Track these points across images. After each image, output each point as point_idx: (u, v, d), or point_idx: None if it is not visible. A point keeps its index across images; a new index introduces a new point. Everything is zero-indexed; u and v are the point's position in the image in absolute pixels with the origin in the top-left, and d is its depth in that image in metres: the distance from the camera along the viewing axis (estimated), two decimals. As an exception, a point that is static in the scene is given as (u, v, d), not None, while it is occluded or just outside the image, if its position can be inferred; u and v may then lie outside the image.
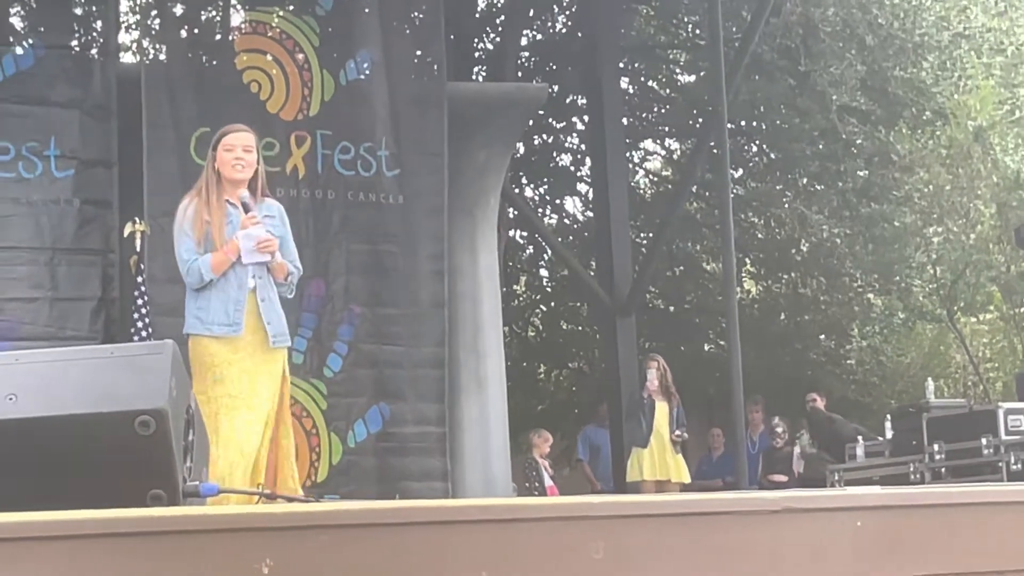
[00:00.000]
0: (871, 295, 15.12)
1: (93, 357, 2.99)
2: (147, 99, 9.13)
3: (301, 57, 9.65)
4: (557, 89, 14.81)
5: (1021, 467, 7.83)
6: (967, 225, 12.23)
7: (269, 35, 9.69)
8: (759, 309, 16.35)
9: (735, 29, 12.80)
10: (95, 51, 9.73)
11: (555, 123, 16.15)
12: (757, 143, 15.71)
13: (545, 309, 17.98)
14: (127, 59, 11.26)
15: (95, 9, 9.98)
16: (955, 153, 11.98)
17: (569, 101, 15.67)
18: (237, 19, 10.71)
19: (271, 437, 5.26)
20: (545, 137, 16.37)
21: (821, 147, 13.84)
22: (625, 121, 14.05)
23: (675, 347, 14.86)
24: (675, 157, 17.24)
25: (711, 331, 16.19)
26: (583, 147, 15.95)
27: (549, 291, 17.74)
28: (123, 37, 11.95)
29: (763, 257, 16.19)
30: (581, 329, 17.41)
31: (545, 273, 17.70)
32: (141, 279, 8.44)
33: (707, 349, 16.27)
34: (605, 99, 12.22)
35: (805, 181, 14.79)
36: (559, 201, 16.86)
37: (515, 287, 17.06)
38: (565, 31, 15.46)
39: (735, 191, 14.18)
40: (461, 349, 10.05)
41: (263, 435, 5.19)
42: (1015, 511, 2.73)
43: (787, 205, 14.78)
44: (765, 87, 13.50)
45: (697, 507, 2.55)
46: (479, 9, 14.66)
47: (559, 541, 2.36)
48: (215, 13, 10.90)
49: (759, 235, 16.05)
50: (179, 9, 10.28)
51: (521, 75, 14.18)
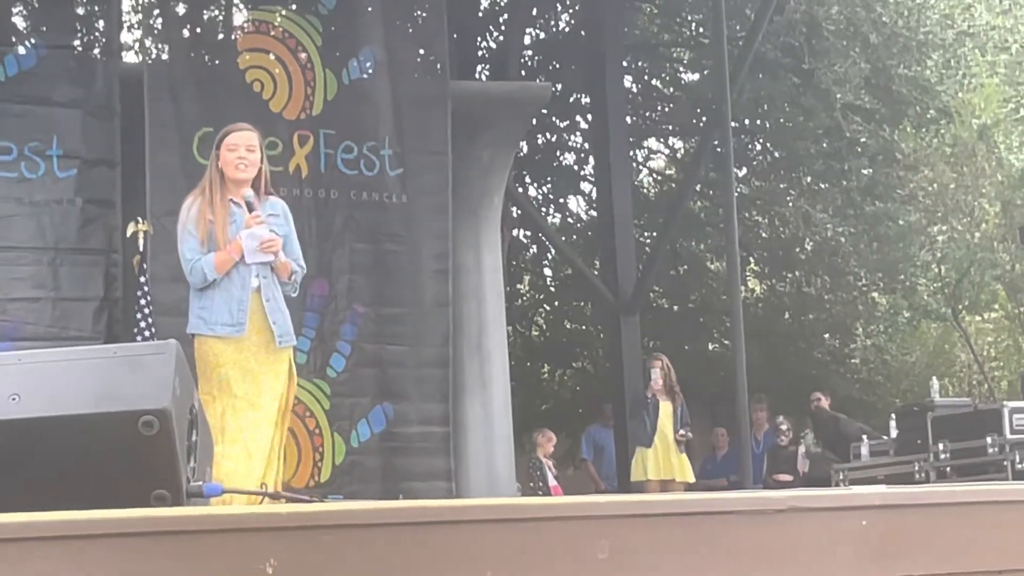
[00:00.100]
0: (875, 294, 15.08)
1: (96, 357, 2.99)
2: (150, 99, 9.13)
3: (304, 56, 9.65)
4: (560, 88, 14.80)
5: (1026, 466, 7.83)
6: (972, 223, 12.21)
7: (272, 34, 9.69)
8: (763, 308, 16.32)
9: (739, 27, 12.79)
10: (97, 51, 9.74)
11: (559, 122, 16.14)
12: (761, 141, 15.68)
13: (549, 308, 17.96)
14: (129, 59, 11.24)
15: (97, 9, 9.99)
16: (959, 151, 11.95)
17: (573, 100, 15.67)
18: (240, 18, 10.71)
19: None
20: (549, 136, 16.36)
21: (825, 145, 13.81)
22: (629, 120, 14.02)
23: (679, 346, 14.83)
24: (679, 156, 17.22)
25: (715, 330, 16.17)
26: (587, 146, 15.94)
27: (553, 290, 17.71)
28: (125, 36, 11.94)
29: (767, 256, 16.15)
30: (585, 328, 17.39)
31: (549, 272, 17.67)
32: (144, 279, 8.43)
33: (711, 348, 16.25)
34: (609, 98, 12.19)
35: (809, 180, 14.75)
36: (563, 200, 16.86)
37: (519, 286, 17.02)
38: (568, 29, 15.45)
39: (739, 190, 14.18)
40: (465, 349, 10.05)
41: (272, 435, 5.18)
42: (1020, 510, 2.73)
43: (791, 204, 14.74)
44: (769, 85, 13.49)
45: (702, 507, 2.54)
46: (482, 8, 14.64)
47: (563, 541, 2.36)
48: (218, 12, 10.89)
49: (763, 234, 16.02)
50: (181, 8, 10.26)
51: (524, 74, 14.17)
